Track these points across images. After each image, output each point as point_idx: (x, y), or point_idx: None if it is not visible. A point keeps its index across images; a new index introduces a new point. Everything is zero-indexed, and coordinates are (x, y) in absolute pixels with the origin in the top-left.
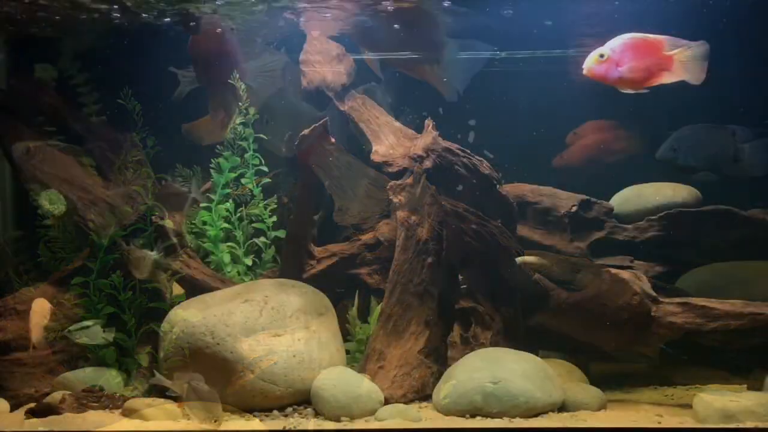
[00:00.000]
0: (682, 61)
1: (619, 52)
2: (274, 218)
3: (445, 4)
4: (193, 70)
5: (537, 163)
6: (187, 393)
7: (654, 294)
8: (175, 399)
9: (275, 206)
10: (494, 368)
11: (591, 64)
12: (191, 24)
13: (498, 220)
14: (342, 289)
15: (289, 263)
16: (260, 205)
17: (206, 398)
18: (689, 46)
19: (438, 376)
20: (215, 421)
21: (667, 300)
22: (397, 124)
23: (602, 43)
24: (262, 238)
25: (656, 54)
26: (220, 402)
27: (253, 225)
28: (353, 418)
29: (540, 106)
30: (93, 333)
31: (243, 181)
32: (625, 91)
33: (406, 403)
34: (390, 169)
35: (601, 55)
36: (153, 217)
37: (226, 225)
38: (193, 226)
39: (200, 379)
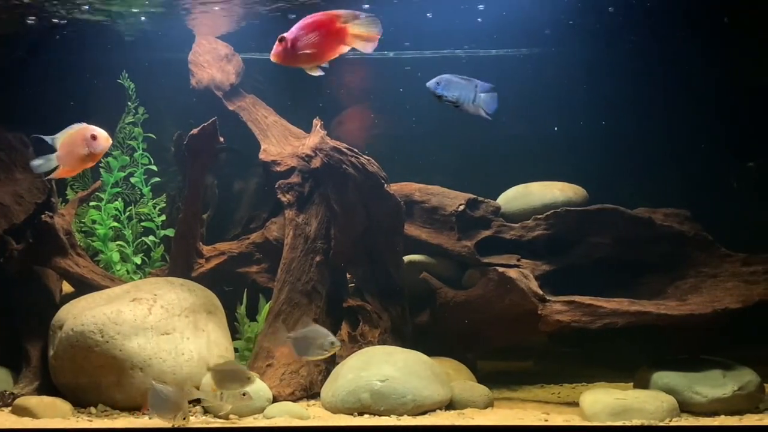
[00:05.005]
0: (354, 33)
1: (295, 32)
2: (164, 217)
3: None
4: None
5: None
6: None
7: (540, 292)
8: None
9: (164, 205)
10: (382, 366)
11: (274, 49)
12: None
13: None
14: (231, 288)
15: (177, 262)
16: (149, 203)
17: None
18: (360, 17)
19: (326, 374)
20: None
21: (553, 298)
22: (286, 123)
23: None
24: (152, 237)
25: (330, 27)
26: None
27: (143, 224)
28: (241, 416)
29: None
30: None
31: (132, 180)
32: (311, 72)
33: (294, 401)
34: (278, 168)
35: (281, 39)
36: (42, 216)
37: (115, 224)
38: (82, 224)
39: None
